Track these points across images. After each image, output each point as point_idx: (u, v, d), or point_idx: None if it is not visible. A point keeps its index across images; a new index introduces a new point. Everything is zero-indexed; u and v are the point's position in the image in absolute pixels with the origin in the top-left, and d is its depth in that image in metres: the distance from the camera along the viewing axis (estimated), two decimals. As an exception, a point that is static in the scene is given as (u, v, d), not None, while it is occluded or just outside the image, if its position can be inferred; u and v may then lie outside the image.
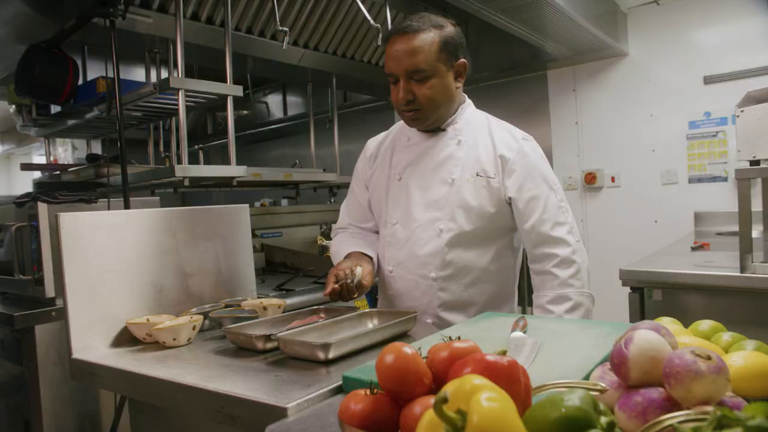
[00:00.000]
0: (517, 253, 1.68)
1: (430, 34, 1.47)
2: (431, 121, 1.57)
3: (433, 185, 1.58)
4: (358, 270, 1.48)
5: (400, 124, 1.73)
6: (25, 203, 2.20)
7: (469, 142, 1.58)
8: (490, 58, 4.10)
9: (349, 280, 1.45)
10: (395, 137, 1.73)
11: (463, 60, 1.54)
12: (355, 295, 1.47)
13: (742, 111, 1.90)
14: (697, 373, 0.65)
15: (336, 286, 1.45)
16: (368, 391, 0.74)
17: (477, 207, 1.53)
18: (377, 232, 1.77)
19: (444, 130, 1.61)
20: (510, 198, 1.54)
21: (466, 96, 1.68)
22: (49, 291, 2.16)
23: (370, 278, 1.53)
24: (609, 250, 3.90)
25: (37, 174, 3.64)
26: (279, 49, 2.90)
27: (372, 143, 1.80)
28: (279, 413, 0.90)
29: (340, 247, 1.71)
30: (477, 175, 1.54)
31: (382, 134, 1.80)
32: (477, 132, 1.60)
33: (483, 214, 1.54)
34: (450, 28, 1.52)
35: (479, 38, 4.09)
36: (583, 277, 1.56)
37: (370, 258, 1.64)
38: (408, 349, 0.74)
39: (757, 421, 0.47)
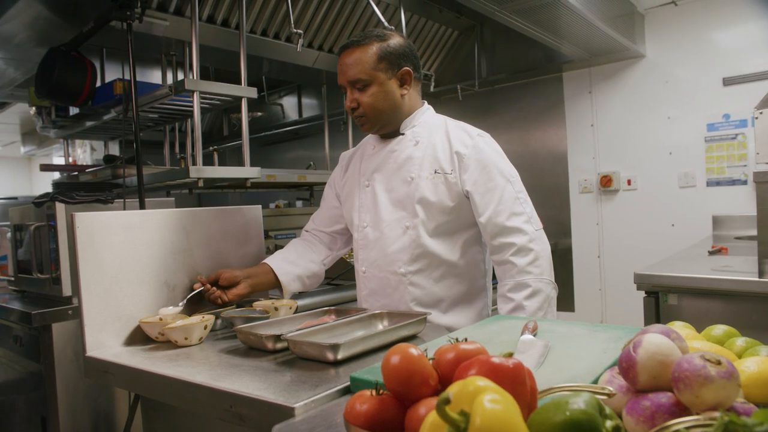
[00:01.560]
0: (486, 248, 1.74)
1: (370, 46, 1.60)
2: (379, 125, 1.68)
3: (396, 186, 1.68)
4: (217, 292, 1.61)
5: (368, 136, 1.85)
6: (43, 203, 2.24)
7: (426, 143, 1.68)
8: (505, 60, 4.09)
9: (209, 293, 1.60)
10: (363, 147, 1.85)
11: (406, 68, 1.65)
12: (219, 302, 1.61)
13: (760, 113, 1.87)
14: (707, 378, 0.64)
15: (204, 282, 1.61)
16: (374, 392, 0.74)
17: (437, 202, 1.62)
18: (332, 237, 1.91)
19: (403, 134, 1.71)
20: (467, 192, 1.62)
21: (426, 102, 1.78)
22: (66, 290, 2.19)
23: (231, 299, 1.63)
24: (625, 254, 3.86)
25: (57, 174, 3.70)
26: (293, 52, 2.92)
27: (345, 155, 1.94)
28: (286, 413, 0.91)
29: (278, 252, 1.84)
30: (435, 172, 1.63)
31: (354, 147, 1.94)
32: (434, 133, 1.69)
33: (443, 208, 1.62)
34: (393, 40, 1.64)
35: (494, 40, 4.08)
36: (542, 264, 1.61)
37: (273, 275, 1.73)
38: (414, 350, 0.74)
39: (765, 427, 0.47)
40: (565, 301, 4.14)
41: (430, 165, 1.64)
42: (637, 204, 3.85)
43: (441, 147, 1.66)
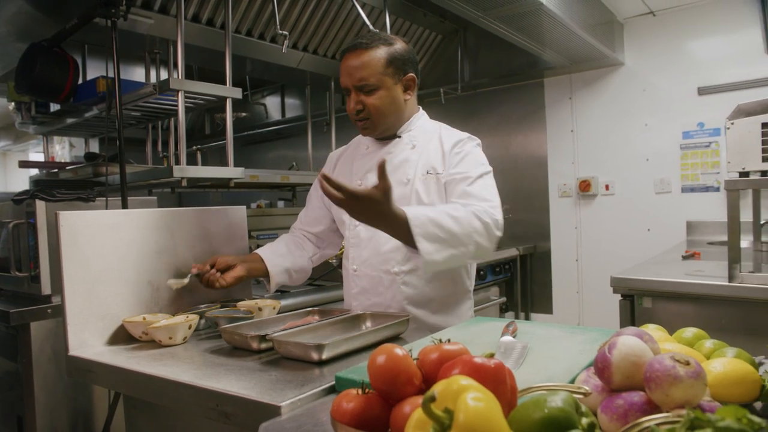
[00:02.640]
0: None
1: (378, 49, 1.61)
2: (381, 129, 1.69)
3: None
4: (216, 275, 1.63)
5: (358, 137, 1.86)
6: (23, 200, 2.22)
7: (421, 147, 1.71)
8: (487, 64, 4.14)
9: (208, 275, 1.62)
10: (354, 148, 1.86)
11: (411, 74, 1.67)
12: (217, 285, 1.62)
13: (732, 123, 1.94)
14: (676, 377, 0.68)
15: (201, 268, 1.63)
16: (360, 391, 0.76)
17: (428, 202, 1.64)
18: (318, 237, 1.91)
19: (400, 137, 1.74)
20: (446, 182, 1.63)
21: (421, 108, 1.80)
22: (45, 288, 2.17)
23: (230, 281, 1.64)
24: (602, 258, 3.94)
25: (34, 171, 3.65)
26: (278, 52, 2.92)
27: (334, 154, 1.94)
28: (273, 411, 0.93)
29: (267, 245, 1.85)
30: (427, 173, 1.67)
31: (344, 146, 1.93)
32: (429, 138, 1.73)
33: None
34: (399, 45, 1.65)
35: (477, 45, 4.13)
36: (487, 233, 1.49)
37: (263, 266, 1.75)
38: (399, 350, 0.77)
39: (726, 422, 0.50)
40: (544, 303, 4.21)
41: (423, 167, 1.68)
42: (615, 209, 3.93)
43: (434, 150, 1.69)
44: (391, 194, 1.31)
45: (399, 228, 1.39)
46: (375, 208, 1.32)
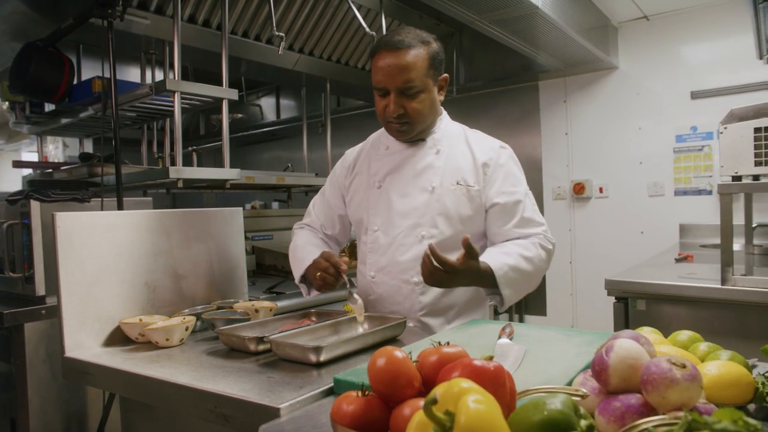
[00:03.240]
0: None
1: (420, 50, 1.53)
2: (416, 132, 1.63)
3: (412, 193, 1.64)
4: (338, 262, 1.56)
5: (376, 134, 1.81)
6: (17, 201, 2.21)
7: (447, 152, 1.65)
8: (482, 67, 4.16)
9: (330, 271, 1.54)
10: (372, 147, 1.79)
11: (445, 74, 1.63)
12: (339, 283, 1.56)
13: (725, 128, 1.96)
14: (672, 380, 0.69)
15: (325, 275, 1.54)
16: (360, 393, 0.77)
17: (456, 214, 1.61)
18: (335, 239, 1.88)
19: (424, 140, 1.68)
20: (492, 203, 1.61)
21: (443, 108, 1.75)
22: (40, 289, 2.16)
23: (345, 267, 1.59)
24: (596, 260, 3.96)
25: (27, 171, 3.63)
26: (274, 54, 2.93)
27: (351, 153, 1.87)
28: (272, 413, 0.93)
29: (306, 249, 1.73)
30: (457, 183, 1.62)
31: (360, 144, 1.88)
32: (455, 142, 1.68)
33: (462, 219, 1.61)
34: (435, 45, 1.59)
35: (473, 48, 4.14)
36: (548, 260, 1.61)
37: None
38: (399, 353, 0.77)
39: (723, 424, 0.51)
40: (537, 305, 4.23)
41: (451, 175, 1.62)
42: (609, 211, 3.95)
43: (463, 158, 1.64)
44: (478, 255, 1.40)
45: (485, 280, 1.47)
46: (470, 273, 1.41)
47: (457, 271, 1.37)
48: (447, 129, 1.70)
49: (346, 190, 1.81)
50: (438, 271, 1.36)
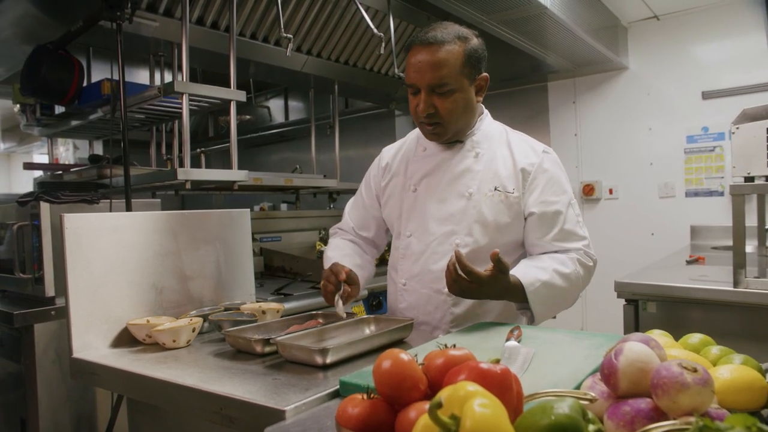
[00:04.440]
0: None
1: (455, 46, 1.45)
2: (450, 134, 1.55)
3: (449, 198, 1.56)
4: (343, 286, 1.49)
5: (415, 133, 1.72)
6: (27, 202, 2.22)
7: (487, 156, 1.57)
8: (491, 68, 4.03)
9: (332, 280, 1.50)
10: (410, 147, 1.71)
11: (485, 74, 1.54)
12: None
13: (737, 128, 1.93)
14: (683, 384, 0.67)
15: (325, 283, 1.51)
16: (365, 396, 0.76)
17: (493, 222, 1.52)
18: (372, 242, 1.81)
19: (462, 142, 1.59)
20: (530, 212, 1.52)
21: (484, 107, 1.67)
22: (49, 290, 2.18)
23: (356, 292, 1.54)
24: (606, 262, 3.89)
25: (38, 173, 3.66)
26: (282, 55, 2.93)
27: (387, 152, 1.78)
28: (277, 416, 0.92)
29: (347, 256, 1.70)
30: (495, 189, 1.53)
31: (398, 143, 1.79)
32: (495, 145, 1.58)
33: (499, 227, 1.53)
34: (474, 41, 1.50)
35: (481, 48, 4.12)
36: (587, 278, 1.53)
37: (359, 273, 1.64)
38: (405, 355, 0.77)
39: (736, 431, 0.50)
40: (547, 307, 4.20)
41: (490, 181, 1.53)
42: (619, 213, 3.92)
43: (503, 162, 1.55)
44: (508, 269, 1.34)
45: (515, 295, 1.41)
46: (498, 287, 1.35)
47: (482, 282, 1.30)
48: (487, 130, 1.61)
49: (381, 191, 1.74)
50: (462, 280, 1.31)
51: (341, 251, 1.73)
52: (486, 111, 1.67)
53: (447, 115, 1.48)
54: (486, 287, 1.33)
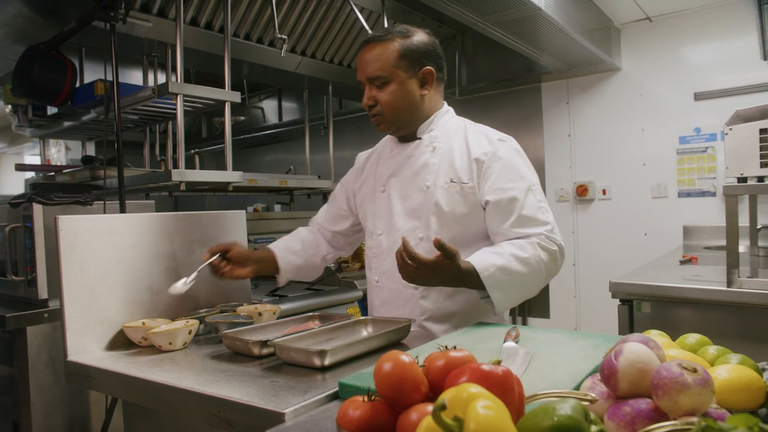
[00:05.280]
0: None
1: (393, 42, 1.55)
2: (396, 126, 1.61)
3: (411, 193, 1.62)
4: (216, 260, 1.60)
5: (386, 138, 1.79)
6: (20, 204, 2.20)
7: (443, 149, 1.61)
8: (485, 69, 4.15)
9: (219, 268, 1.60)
10: (380, 150, 1.78)
11: (428, 68, 1.58)
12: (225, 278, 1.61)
13: (730, 129, 1.95)
14: (684, 385, 0.68)
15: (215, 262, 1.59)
16: (366, 398, 0.76)
17: (450, 213, 1.55)
18: (337, 237, 1.87)
19: (420, 138, 1.65)
20: (486, 201, 1.53)
21: (446, 104, 1.71)
22: (42, 292, 2.16)
23: (237, 276, 1.62)
24: (599, 262, 3.95)
25: (29, 174, 3.63)
26: (276, 56, 2.93)
27: (361, 156, 1.87)
28: (276, 418, 0.92)
29: (282, 239, 1.84)
30: (451, 181, 1.56)
31: (372, 148, 1.86)
32: (453, 138, 1.62)
33: (456, 218, 1.55)
34: (417, 37, 1.57)
35: (475, 50, 4.14)
36: (556, 262, 1.51)
37: (275, 263, 1.73)
38: (405, 357, 0.77)
39: (738, 431, 0.50)
40: (541, 307, 4.21)
41: (445, 173, 1.57)
42: (612, 213, 3.94)
43: (459, 154, 1.59)
44: (457, 257, 1.34)
45: (471, 281, 1.40)
46: (447, 273, 1.35)
47: (428, 267, 1.32)
48: (446, 125, 1.65)
49: (356, 194, 1.80)
50: (408, 266, 1.33)
51: (284, 240, 1.83)
52: (448, 107, 1.71)
53: (386, 106, 1.56)
54: (435, 273, 1.34)
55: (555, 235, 1.52)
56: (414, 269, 1.33)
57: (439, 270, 1.34)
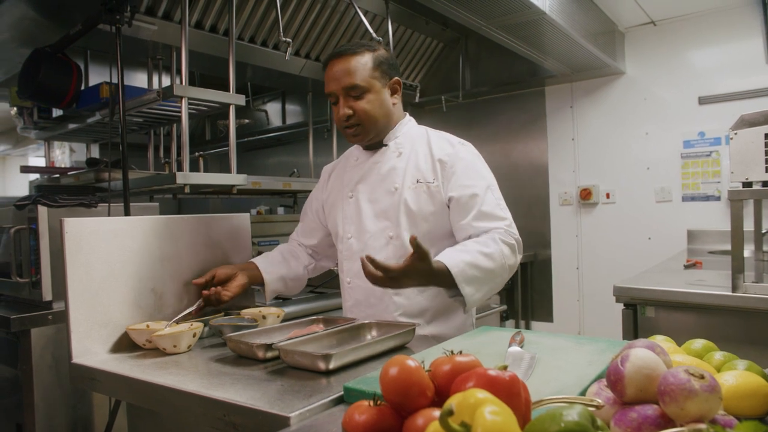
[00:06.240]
0: None
1: (364, 54, 1.63)
2: (371, 135, 1.68)
3: (380, 197, 1.69)
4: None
5: (350, 149, 1.87)
6: (25, 206, 2.21)
7: (408, 153, 1.70)
8: (489, 72, 4.16)
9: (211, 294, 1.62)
10: (345, 160, 1.86)
11: (397, 78, 1.69)
12: (224, 299, 1.63)
13: (735, 134, 1.94)
14: (691, 391, 0.67)
15: (206, 293, 1.62)
16: (372, 402, 0.76)
17: (419, 211, 1.63)
18: (314, 250, 1.93)
19: (386, 145, 1.73)
20: (450, 198, 1.62)
21: (407, 114, 1.80)
22: (47, 294, 2.16)
23: (235, 291, 1.66)
24: (603, 266, 3.94)
25: (34, 176, 3.64)
26: (280, 59, 2.93)
27: (327, 169, 1.96)
28: (282, 422, 0.92)
29: (264, 254, 1.88)
30: (417, 181, 1.65)
31: (335, 161, 1.94)
32: (416, 143, 1.71)
33: (425, 217, 1.63)
34: (382, 51, 1.68)
35: (479, 53, 4.14)
36: (514, 255, 1.56)
37: (259, 274, 1.76)
38: (411, 362, 0.76)
39: (749, 439, 0.50)
40: (544, 311, 4.21)
41: (412, 175, 1.66)
42: (616, 217, 3.94)
43: (423, 156, 1.68)
44: (429, 257, 1.37)
45: (441, 279, 1.45)
46: (419, 274, 1.38)
47: (400, 273, 1.35)
48: (410, 133, 1.74)
49: (323, 204, 1.88)
50: (380, 279, 1.36)
51: (263, 255, 1.87)
52: (409, 117, 1.80)
53: (364, 115, 1.63)
54: (407, 277, 1.38)
55: (513, 229, 1.61)
56: (386, 279, 1.36)
57: (411, 272, 1.37)
